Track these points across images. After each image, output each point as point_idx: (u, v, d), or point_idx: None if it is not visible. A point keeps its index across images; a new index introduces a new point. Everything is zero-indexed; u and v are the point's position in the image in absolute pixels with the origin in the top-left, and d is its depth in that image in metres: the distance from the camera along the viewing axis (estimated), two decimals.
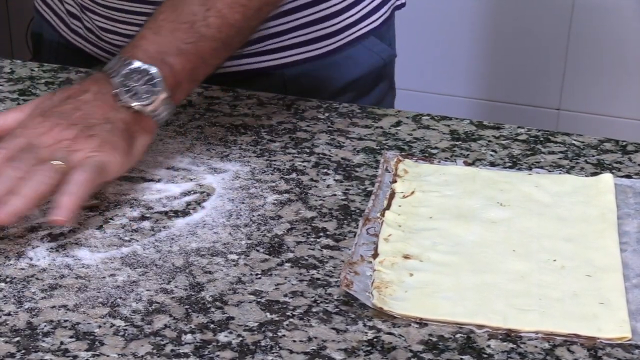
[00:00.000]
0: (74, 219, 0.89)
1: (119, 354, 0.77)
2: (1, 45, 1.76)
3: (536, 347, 0.79)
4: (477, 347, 0.79)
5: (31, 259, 0.87)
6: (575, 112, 2.39)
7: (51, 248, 0.89)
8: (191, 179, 1.00)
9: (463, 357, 0.78)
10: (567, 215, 0.94)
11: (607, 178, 0.99)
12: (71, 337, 0.79)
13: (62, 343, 0.78)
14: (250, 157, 1.04)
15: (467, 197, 0.97)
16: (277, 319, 0.81)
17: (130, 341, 0.78)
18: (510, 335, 0.80)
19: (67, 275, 0.86)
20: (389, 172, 1.00)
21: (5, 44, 1.77)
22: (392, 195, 0.97)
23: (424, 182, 0.99)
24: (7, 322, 0.80)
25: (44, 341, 0.78)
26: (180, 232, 0.92)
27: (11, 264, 0.87)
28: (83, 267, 0.87)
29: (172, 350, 0.77)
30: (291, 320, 0.81)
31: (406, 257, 0.88)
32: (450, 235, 0.91)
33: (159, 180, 0.99)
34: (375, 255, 0.88)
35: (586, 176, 1.01)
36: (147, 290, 0.84)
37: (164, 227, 0.92)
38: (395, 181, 0.99)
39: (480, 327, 0.80)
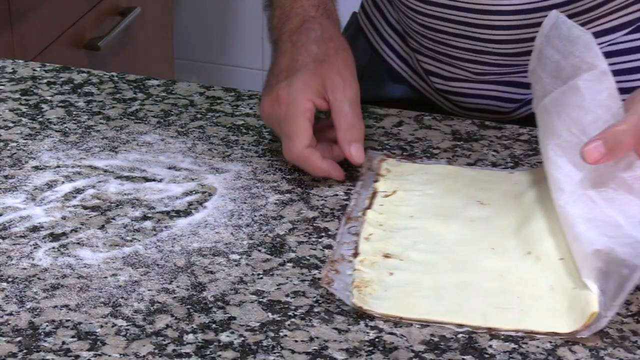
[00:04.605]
0: None
1: (120, 354, 0.77)
2: (3, 45, 1.76)
3: (538, 347, 0.79)
4: (478, 347, 0.79)
5: (33, 258, 0.87)
6: None
7: (53, 248, 0.89)
8: (193, 179, 1.00)
9: (465, 357, 0.78)
10: (537, 204, 0.93)
11: None
12: (73, 337, 0.79)
13: (63, 343, 0.78)
14: (252, 157, 1.04)
15: (448, 196, 0.97)
16: (278, 319, 0.81)
17: (132, 341, 0.78)
18: (512, 336, 0.80)
19: (69, 275, 0.86)
20: (372, 171, 1.00)
21: (7, 43, 1.77)
22: (374, 194, 0.97)
23: (406, 181, 0.99)
24: (9, 322, 0.80)
25: (45, 341, 0.78)
26: (182, 232, 0.92)
27: (13, 264, 0.87)
28: (85, 266, 0.87)
29: (173, 350, 0.77)
30: (293, 320, 0.81)
31: (386, 256, 0.88)
32: (431, 234, 0.91)
33: (160, 180, 0.99)
34: (355, 254, 0.88)
35: None
36: (149, 290, 0.84)
37: (165, 227, 0.92)
38: (378, 180, 0.99)
39: (460, 326, 0.80)
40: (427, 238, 0.91)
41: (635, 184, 0.85)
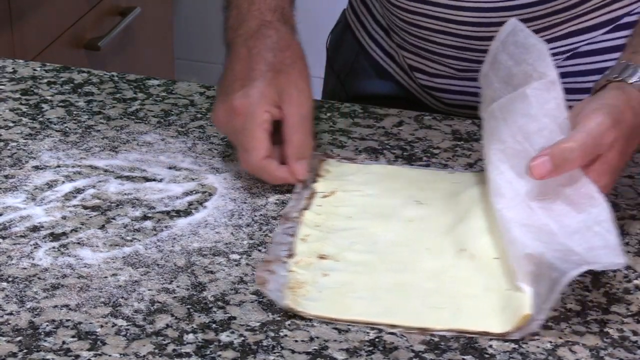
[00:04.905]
0: None
1: (120, 354, 0.77)
2: (3, 45, 1.76)
3: (538, 347, 0.79)
4: (478, 348, 0.79)
5: (33, 258, 0.87)
6: None
7: (53, 247, 0.89)
8: (193, 179, 1.00)
9: (465, 357, 0.78)
10: (475, 203, 0.94)
11: None
12: (73, 336, 0.79)
13: (64, 343, 0.78)
14: None
15: (387, 196, 0.96)
16: (278, 318, 0.81)
17: (132, 341, 0.78)
18: (508, 336, 0.80)
19: (69, 274, 0.86)
20: (311, 172, 1.00)
21: (7, 43, 1.77)
22: (312, 194, 0.97)
23: (346, 181, 0.99)
24: (9, 322, 0.80)
25: (45, 341, 0.78)
26: (182, 231, 0.92)
27: (13, 264, 0.87)
28: (85, 266, 0.87)
29: (173, 350, 0.77)
30: (293, 320, 0.81)
31: (322, 257, 0.88)
32: (368, 234, 0.91)
33: (161, 180, 0.99)
34: (291, 255, 0.88)
35: None
36: (149, 290, 0.84)
37: (165, 226, 0.92)
38: (317, 181, 0.98)
39: (393, 326, 0.80)
40: (364, 239, 0.90)
41: (574, 196, 0.85)
